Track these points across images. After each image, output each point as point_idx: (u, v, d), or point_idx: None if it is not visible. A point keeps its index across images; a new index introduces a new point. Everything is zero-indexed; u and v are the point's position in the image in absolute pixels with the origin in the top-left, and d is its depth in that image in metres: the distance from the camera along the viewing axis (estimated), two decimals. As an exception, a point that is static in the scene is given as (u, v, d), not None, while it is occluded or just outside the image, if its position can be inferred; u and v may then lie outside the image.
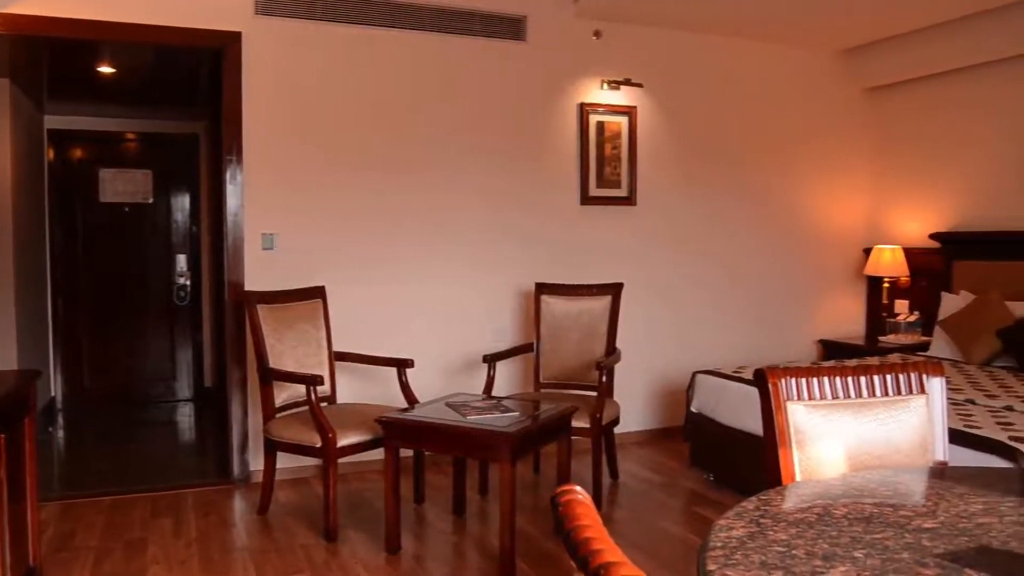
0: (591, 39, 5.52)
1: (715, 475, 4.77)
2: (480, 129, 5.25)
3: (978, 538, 1.49)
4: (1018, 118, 5.48)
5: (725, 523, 1.55)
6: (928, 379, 2.10)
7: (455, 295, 5.23)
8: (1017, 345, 4.79)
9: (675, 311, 5.89)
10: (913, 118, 6.30)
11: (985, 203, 5.75)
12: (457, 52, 5.16)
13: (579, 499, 0.95)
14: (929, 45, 5.77)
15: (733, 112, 6.05)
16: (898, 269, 6.12)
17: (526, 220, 5.40)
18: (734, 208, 6.09)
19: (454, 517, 4.20)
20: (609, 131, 5.57)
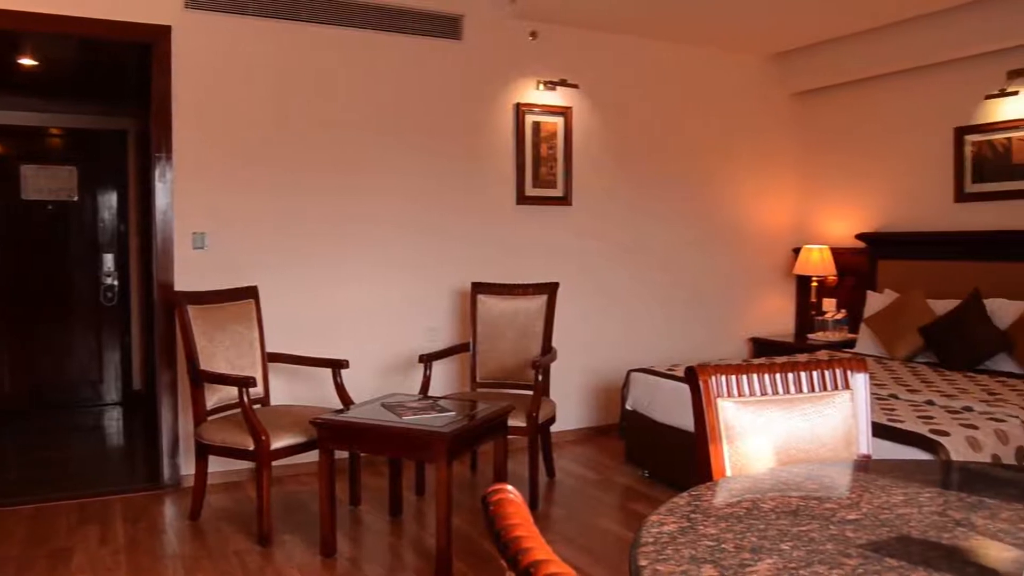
0: (527, 39, 5.54)
1: (650, 471, 4.83)
2: (416, 128, 5.22)
3: (898, 528, 1.54)
4: (938, 123, 5.67)
5: (657, 519, 1.57)
6: (852, 375, 2.16)
7: (391, 295, 5.19)
8: (938, 341, 4.96)
9: (611, 310, 5.95)
10: (839, 122, 6.48)
11: (908, 205, 5.94)
12: (392, 50, 5.12)
13: (510, 498, 0.96)
14: (854, 52, 5.95)
15: (667, 114, 6.13)
16: (826, 268, 6.28)
17: (462, 220, 5.40)
18: (668, 209, 6.18)
19: (390, 518, 4.17)
20: (545, 131, 5.60)
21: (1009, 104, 5.25)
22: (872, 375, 4.59)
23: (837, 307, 6.36)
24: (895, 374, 4.68)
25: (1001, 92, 5.27)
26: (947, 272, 5.40)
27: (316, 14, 4.87)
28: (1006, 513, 1.65)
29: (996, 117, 5.33)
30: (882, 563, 1.37)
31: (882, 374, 4.68)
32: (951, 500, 1.76)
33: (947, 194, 5.64)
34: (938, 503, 1.72)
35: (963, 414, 3.64)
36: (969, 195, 5.50)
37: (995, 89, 5.30)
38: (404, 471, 4.34)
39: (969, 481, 2.08)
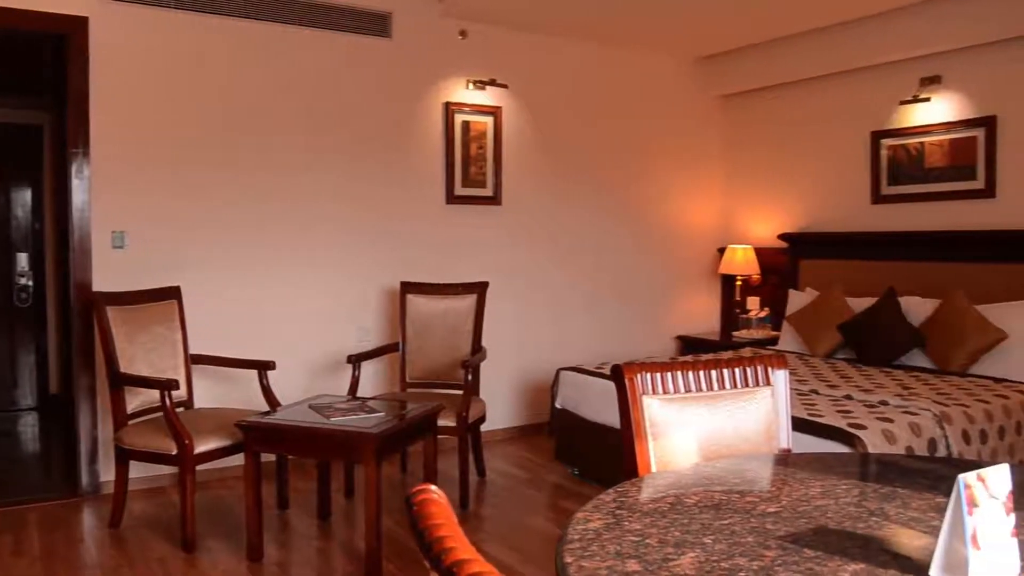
0: (457, 38, 5.53)
1: (579, 469, 4.87)
2: (344, 127, 5.17)
3: (816, 520, 1.59)
4: (856, 127, 5.86)
5: (583, 516, 1.59)
6: (773, 372, 2.22)
7: (319, 295, 5.13)
8: (855, 338, 5.12)
9: (540, 309, 5.98)
10: (762, 125, 6.64)
11: (828, 206, 6.12)
12: (320, 47, 5.06)
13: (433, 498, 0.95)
14: (776, 57, 6.10)
15: (596, 114, 6.20)
16: (750, 268, 6.43)
17: (391, 219, 5.36)
18: (597, 208, 6.24)
19: (319, 521, 4.12)
20: (475, 131, 5.60)
21: (922, 110, 5.46)
22: (794, 371, 4.72)
23: (761, 305, 6.52)
24: (816, 370, 4.82)
25: (914, 98, 5.47)
26: (865, 271, 5.58)
27: (240, 8, 4.78)
28: (917, 502, 1.71)
29: (910, 122, 5.53)
30: (800, 554, 1.40)
31: (803, 370, 4.81)
32: (866, 491, 1.82)
33: (864, 196, 5.83)
34: (854, 494, 1.77)
35: (879, 408, 3.76)
36: (885, 197, 5.70)
37: (909, 95, 5.51)
38: (333, 473, 4.30)
39: (884, 472, 2.16)
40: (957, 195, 5.27)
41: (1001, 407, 3.94)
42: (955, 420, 3.69)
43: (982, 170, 5.13)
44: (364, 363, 4.77)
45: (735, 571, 1.32)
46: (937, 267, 5.18)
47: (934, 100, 5.39)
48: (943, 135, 5.34)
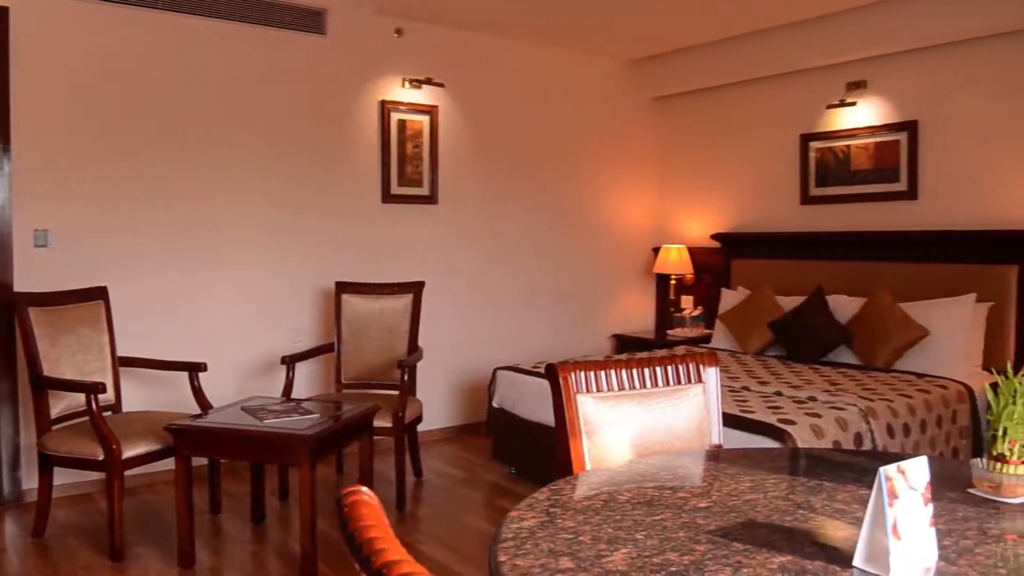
0: (393, 36, 5.49)
1: (517, 468, 4.88)
2: (277, 124, 5.09)
3: (745, 513, 1.62)
4: (786, 129, 6.00)
5: (517, 514, 1.59)
6: (704, 369, 2.26)
7: (252, 295, 5.04)
8: (785, 336, 5.24)
9: (477, 309, 5.98)
10: (695, 127, 6.75)
11: (759, 206, 6.25)
12: (252, 43, 4.97)
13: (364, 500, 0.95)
14: (708, 60, 6.21)
15: (532, 114, 6.22)
16: (683, 267, 6.53)
17: (326, 218, 5.30)
18: (534, 208, 6.26)
19: (253, 525, 4.05)
20: (411, 129, 5.57)
21: (848, 114, 5.61)
22: (726, 368, 4.81)
23: (694, 304, 6.63)
24: (747, 367, 4.92)
25: (841, 102, 5.62)
26: (794, 270, 5.72)
27: (169, 2, 4.67)
28: (842, 495, 1.76)
29: (837, 125, 5.69)
30: (729, 547, 1.43)
31: (735, 367, 4.90)
32: (794, 485, 1.86)
33: (794, 197, 5.97)
34: (782, 488, 1.81)
35: (808, 404, 3.86)
36: (813, 198, 5.85)
37: (836, 99, 5.65)
38: (267, 476, 4.23)
39: (811, 466, 2.21)
40: (881, 197, 5.43)
41: (923, 401, 4.08)
42: (880, 414, 3.80)
43: (905, 173, 5.30)
44: (299, 364, 4.70)
45: (666, 566, 1.34)
46: (863, 266, 5.33)
47: (860, 104, 5.54)
48: (868, 138, 5.50)
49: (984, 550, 1.45)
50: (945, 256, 4.98)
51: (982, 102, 4.94)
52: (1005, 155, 4.84)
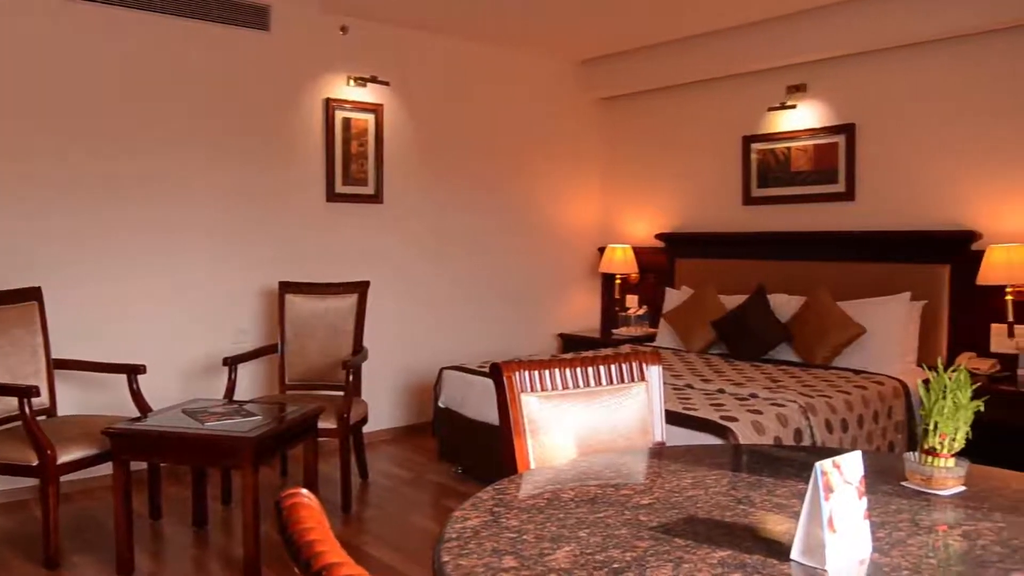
0: (337, 34, 5.44)
1: (463, 468, 4.88)
2: (220, 121, 5.00)
3: (687, 510, 1.64)
4: (728, 131, 6.09)
5: (461, 514, 1.59)
6: (647, 368, 2.28)
7: (193, 295, 4.95)
8: (728, 334, 5.32)
9: (423, 308, 5.96)
10: (640, 128, 6.82)
11: (702, 207, 6.34)
12: (194, 39, 4.88)
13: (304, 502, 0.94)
14: (653, 63, 6.27)
15: (479, 114, 6.22)
16: (628, 266, 6.59)
17: (269, 217, 5.23)
18: (480, 208, 6.26)
19: (194, 530, 3.98)
20: (356, 128, 5.53)
21: (788, 116, 5.72)
22: (670, 366, 4.87)
23: (639, 303, 6.70)
24: (691, 365, 4.98)
25: (782, 105, 5.73)
26: (737, 270, 5.81)
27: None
28: (781, 490, 1.79)
29: (777, 128, 5.79)
30: (671, 543, 1.45)
31: (679, 366, 4.96)
32: (735, 481, 1.89)
33: (736, 198, 6.07)
34: (723, 484, 1.84)
35: (749, 401, 3.92)
36: (755, 199, 5.95)
37: (777, 102, 5.76)
38: (209, 479, 4.16)
39: (752, 462, 2.25)
40: (820, 198, 5.55)
41: (860, 397, 4.18)
42: (819, 411, 3.88)
43: (843, 174, 5.43)
44: (241, 365, 4.63)
45: (609, 563, 1.36)
46: (803, 266, 5.44)
47: (800, 107, 5.66)
48: (808, 141, 5.62)
49: (916, 541, 1.49)
50: (881, 256, 5.11)
51: (916, 106, 5.08)
52: (938, 158, 4.99)
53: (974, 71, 4.82)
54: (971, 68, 4.84)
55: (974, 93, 4.83)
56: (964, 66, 4.86)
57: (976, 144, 4.83)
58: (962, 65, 4.87)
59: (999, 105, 4.73)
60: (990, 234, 4.73)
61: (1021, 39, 4.63)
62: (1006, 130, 4.71)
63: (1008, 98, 4.69)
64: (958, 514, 1.65)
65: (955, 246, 4.82)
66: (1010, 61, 4.68)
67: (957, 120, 4.90)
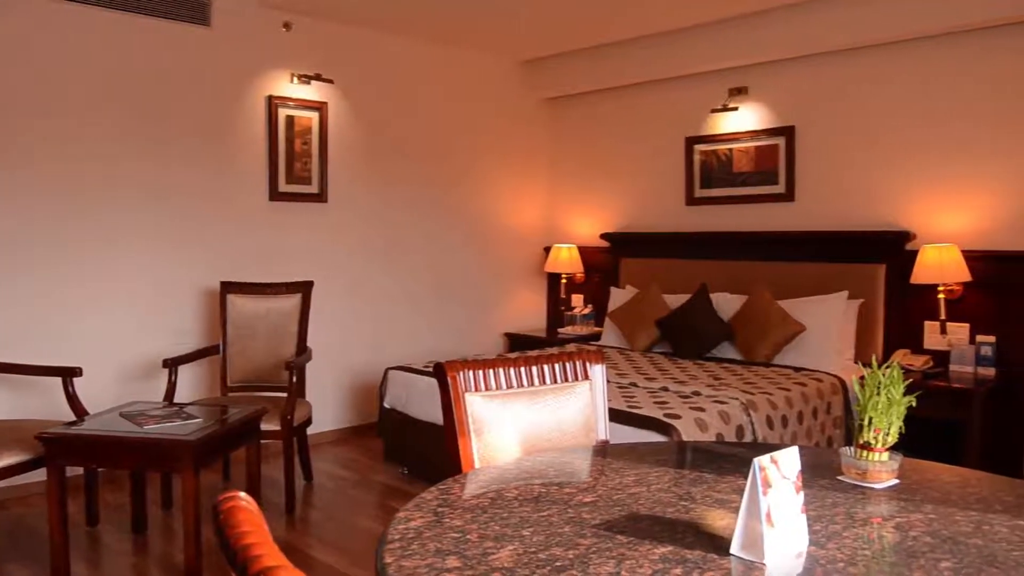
0: (281, 30, 5.37)
1: (409, 468, 4.86)
2: (158, 119, 4.89)
3: (629, 507, 1.66)
4: (672, 132, 6.16)
5: (404, 515, 1.59)
6: (591, 367, 2.30)
7: (131, 296, 4.84)
8: (672, 333, 5.39)
9: (368, 308, 5.91)
10: (585, 128, 6.86)
11: (646, 207, 6.40)
12: (130, 32, 4.76)
13: (241, 505, 0.92)
14: (598, 63, 6.32)
15: (425, 113, 6.19)
16: (574, 266, 6.63)
17: (211, 216, 5.13)
18: (426, 207, 6.24)
19: (134, 536, 3.89)
20: (300, 126, 5.46)
21: (730, 118, 5.82)
22: (614, 365, 4.91)
23: (584, 303, 6.75)
24: (635, 364, 5.03)
25: (724, 107, 5.82)
26: (680, 269, 5.88)
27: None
28: (722, 485, 1.82)
29: (720, 129, 5.88)
30: (613, 540, 1.46)
31: (624, 364, 5.01)
32: (677, 477, 1.92)
33: (680, 198, 6.15)
34: (665, 481, 1.86)
35: (692, 398, 3.98)
36: (698, 199, 6.03)
37: (719, 104, 5.85)
38: (148, 484, 4.07)
39: (694, 459, 2.28)
40: (761, 198, 5.65)
41: (800, 394, 4.26)
42: (760, 407, 3.95)
43: (783, 175, 5.53)
44: (182, 367, 4.55)
45: (552, 561, 1.36)
46: (744, 265, 5.53)
47: (741, 109, 5.75)
48: (749, 142, 5.71)
49: (851, 533, 1.53)
50: (820, 255, 5.22)
51: (853, 109, 5.20)
52: (874, 160, 5.12)
53: (909, 76, 4.96)
54: (906, 73, 4.97)
55: (909, 97, 4.96)
56: (899, 70, 5.00)
57: (911, 146, 4.96)
58: (897, 69, 5.00)
59: (933, 109, 4.87)
60: (923, 234, 4.87)
61: (955, 45, 4.77)
62: (940, 133, 4.85)
63: (942, 102, 4.83)
64: (891, 506, 1.69)
65: (890, 246, 4.94)
66: (944, 66, 4.82)
67: (893, 123, 5.03)
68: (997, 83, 4.63)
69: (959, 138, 4.77)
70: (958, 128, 4.77)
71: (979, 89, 4.70)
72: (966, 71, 4.74)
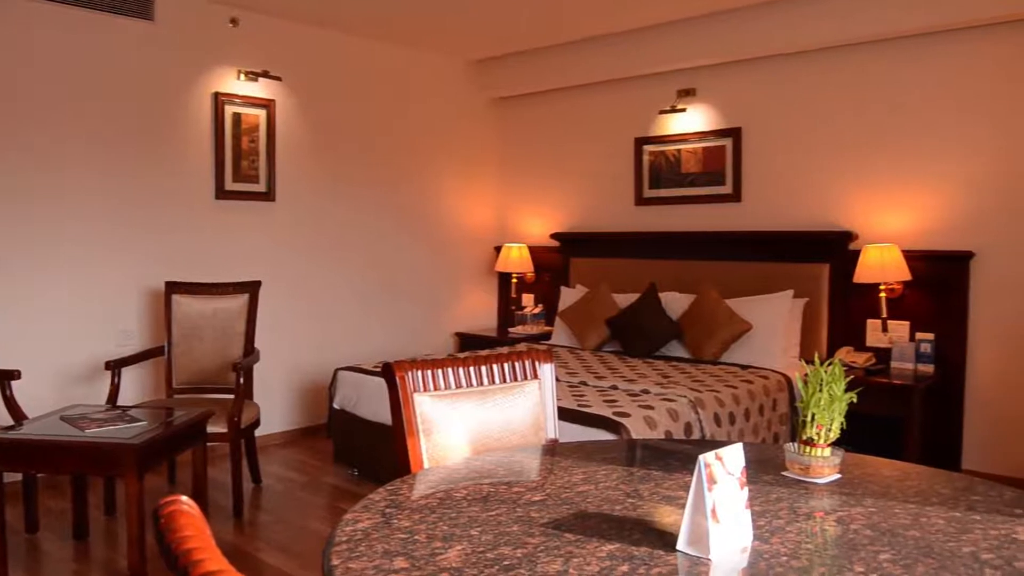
0: (227, 26, 5.29)
1: (359, 470, 4.82)
2: (100, 115, 4.79)
3: (577, 505, 1.67)
4: (621, 133, 6.22)
5: (352, 517, 1.57)
6: (540, 366, 2.30)
7: (72, 296, 4.72)
8: (621, 332, 5.43)
9: (318, 308, 5.85)
10: (535, 128, 6.88)
11: (596, 207, 6.44)
12: (71, 26, 4.65)
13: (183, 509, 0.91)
14: (548, 64, 6.34)
15: (374, 112, 6.15)
16: (524, 266, 6.65)
17: (155, 215, 5.03)
18: (376, 207, 6.20)
19: (75, 543, 3.80)
20: (247, 123, 5.38)
21: (678, 119, 5.88)
22: (565, 364, 4.93)
23: (535, 302, 6.77)
24: (585, 363, 5.06)
25: (672, 108, 5.88)
26: (629, 269, 5.93)
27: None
28: (669, 482, 1.84)
29: (668, 130, 5.95)
30: (561, 539, 1.47)
31: (574, 363, 5.03)
32: (625, 475, 1.93)
33: (629, 198, 6.20)
34: (613, 478, 1.88)
35: (641, 396, 4.01)
36: (647, 199, 6.09)
37: (668, 105, 5.91)
38: (91, 489, 3.98)
39: (642, 456, 2.30)
40: (709, 199, 5.73)
41: (747, 391, 4.33)
42: (708, 405, 4.01)
43: (730, 176, 5.62)
44: (126, 369, 4.45)
45: (500, 560, 1.36)
46: (693, 265, 5.60)
47: (690, 111, 5.82)
48: (697, 143, 5.78)
49: (794, 528, 1.55)
50: (766, 255, 5.31)
51: (799, 111, 5.30)
52: (818, 162, 5.22)
53: (851, 79, 5.07)
54: (848, 76, 5.08)
55: (852, 100, 5.07)
56: (842, 74, 5.10)
57: (853, 148, 5.07)
58: (840, 73, 5.11)
59: (876, 111, 4.98)
60: (865, 235, 4.99)
61: (894, 50, 4.89)
62: (881, 135, 4.96)
63: (883, 105, 4.95)
64: (833, 500, 1.73)
65: (834, 246, 5.05)
66: (884, 70, 4.94)
67: (836, 125, 5.14)
68: (935, 87, 4.76)
69: (899, 140, 4.89)
70: (898, 131, 4.89)
71: (918, 93, 4.82)
72: (905, 75, 4.86)
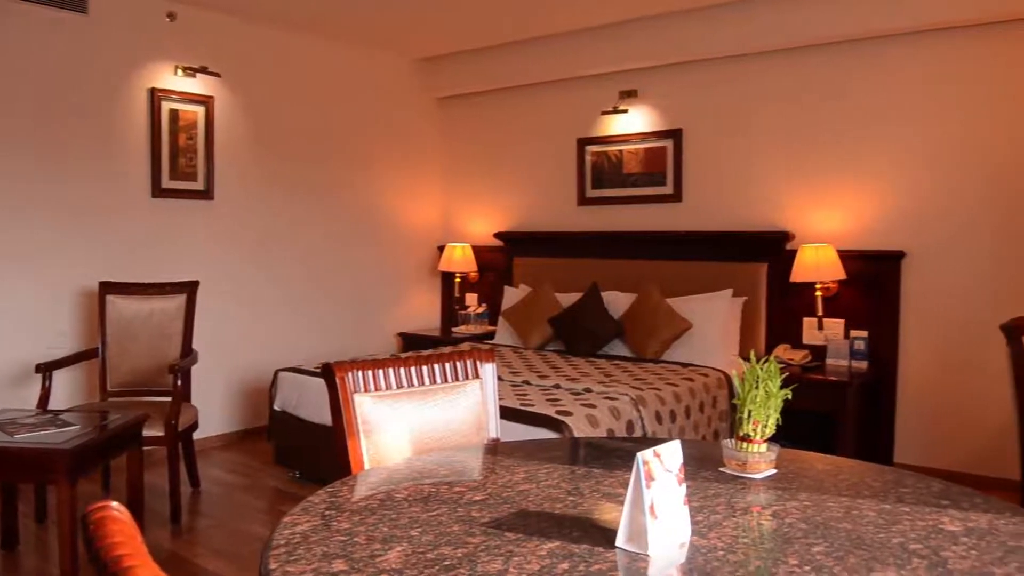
0: (164, 20, 5.17)
1: (301, 472, 4.77)
2: (31, 110, 4.64)
3: (518, 504, 1.67)
4: (564, 133, 6.25)
5: (290, 519, 1.56)
6: (481, 365, 2.30)
7: (2, 297, 4.57)
8: (564, 331, 5.46)
9: (258, 308, 5.77)
10: (479, 128, 6.88)
11: (539, 206, 6.47)
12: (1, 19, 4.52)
13: (114, 515, 0.89)
14: (491, 63, 6.35)
15: (316, 110, 6.08)
16: (468, 265, 6.64)
17: (88, 213, 4.90)
18: (317, 206, 6.13)
19: (4, 552, 3.68)
20: (184, 120, 5.28)
21: (621, 120, 5.94)
22: (508, 363, 4.94)
23: (479, 301, 6.77)
24: (528, 362, 5.07)
25: (614, 109, 5.93)
26: (572, 268, 5.97)
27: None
28: (609, 480, 1.86)
29: (611, 131, 6.00)
30: (502, 538, 1.47)
31: (517, 362, 5.04)
32: (566, 473, 1.94)
33: (571, 198, 6.24)
34: (554, 477, 1.89)
35: (584, 395, 4.04)
36: (590, 199, 6.13)
37: (610, 106, 5.96)
38: (21, 496, 3.86)
39: (584, 455, 2.32)
40: (651, 199, 5.79)
41: (687, 389, 4.39)
42: (649, 403, 4.05)
43: (671, 177, 5.69)
44: (57, 372, 4.32)
45: (440, 560, 1.36)
46: (634, 264, 5.66)
47: (631, 112, 5.88)
48: (639, 144, 5.84)
49: (731, 523, 1.58)
50: (706, 255, 5.39)
51: (737, 113, 5.39)
52: (756, 163, 5.32)
53: (790, 82, 5.17)
54: (787, 79, 5.18)
55: (791, 102, 5.18)
56: (780, 76, 5.21)
57: (789, 150, 5.18)
58: (778, 75, 5.21)
59: (813, 114, 5.09)
60: (802, 235, 5.10)
61: (830, 54, 5.00)
62: (818, 137, 5.08)
63: (821, 108, 5.06)
64: (769, 495, 1.76)
65: (771, 246, 5.15)
66: (819, 73, 5.05)
67: (775, 127, 5.24)
68: (871, 90, 4.88)
69: (835, 143, 5.01)
70: (834, 133, 5.01)
71: (854, 96, 4.94)
72: (842, 79, 4.98)
